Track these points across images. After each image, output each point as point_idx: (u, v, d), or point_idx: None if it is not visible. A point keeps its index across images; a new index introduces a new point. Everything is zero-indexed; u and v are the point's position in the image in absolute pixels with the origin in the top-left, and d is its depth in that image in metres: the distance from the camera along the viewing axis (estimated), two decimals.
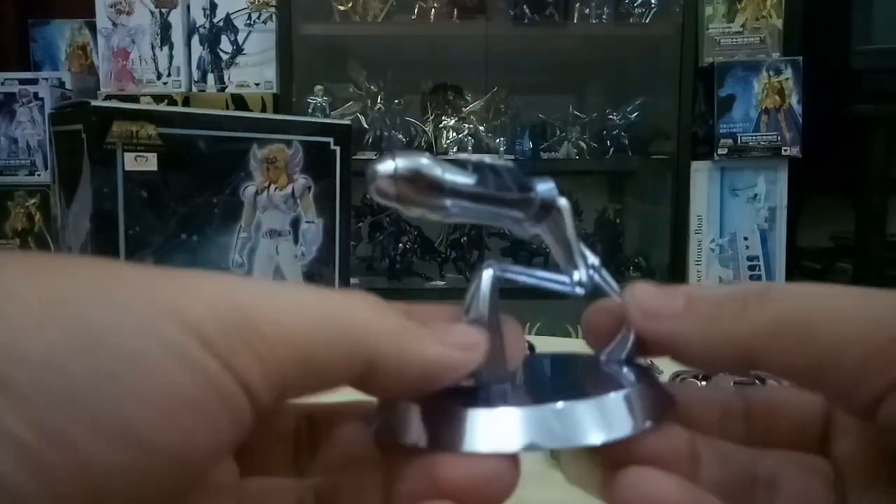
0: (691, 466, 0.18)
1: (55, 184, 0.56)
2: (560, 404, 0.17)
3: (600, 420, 0.17)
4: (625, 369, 0.20)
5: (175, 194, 0.53)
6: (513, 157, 1.57)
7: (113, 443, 0.12)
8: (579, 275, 0.21)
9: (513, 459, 0.16)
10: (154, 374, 0.13)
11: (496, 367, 0.18)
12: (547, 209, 0.20)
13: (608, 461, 0.17)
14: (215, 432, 0.13)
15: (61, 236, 0.56)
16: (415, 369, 0.16)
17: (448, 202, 0.18)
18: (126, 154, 0.50)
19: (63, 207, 0.54)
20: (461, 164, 0.18)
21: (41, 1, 1.81)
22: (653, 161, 1.61)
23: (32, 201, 1.60)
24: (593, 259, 0.21)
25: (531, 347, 0.54)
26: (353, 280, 0.71)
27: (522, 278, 0.20)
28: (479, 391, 0.18)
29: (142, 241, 0.51)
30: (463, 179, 0.18)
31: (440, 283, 1.54)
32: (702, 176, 1.52)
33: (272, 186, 0.58)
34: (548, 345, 0.55)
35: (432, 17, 1.56)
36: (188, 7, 1.59)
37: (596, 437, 0.17)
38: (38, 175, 1.58)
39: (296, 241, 0.61)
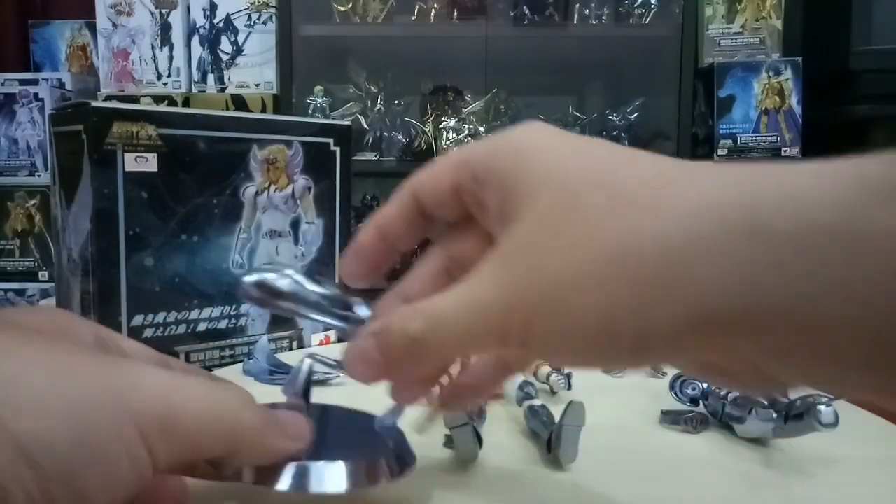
0: None
1: (55, 184, 0.55)
2: (321, 463, 0.26)
3: (348, 476, 0.26)
4: (388, 432, 0.29)
5: (175, 195, 0.53)
6: None
7: (74, 497, 0.19)
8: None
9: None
10: (111, 458, 0.20)
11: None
12: (359, 323, 0.29)
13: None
14: (127, 488, 0.20)
15: (61, 237, 0.56)
16: (262, 456, 0.24)
17: (292, 306, 0.27)
18: (126, 154, 0.50)
19: (63, 208, 0.54)
20: (314, 283, 0.28)
21: (42, 2, 1.81)
22: None
23: (32, 202, 1.60)
24: None
25: None
26: None
27: (331, 365, 0.30)
28: None
29: (142, 241, 0.51)
30: (304, 294, 0.27)
31: None
32: None
33: (272, 187, 0.58)
34: None
35: (432, 18, 1.56)
36: (188, 8, 1.59)
37: (339, 487, 0.26)
38: (38, 176, 1.58)
39: (296, 241, 0.61)
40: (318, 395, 0.31)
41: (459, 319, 0.21)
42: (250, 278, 0.27)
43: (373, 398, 0.28)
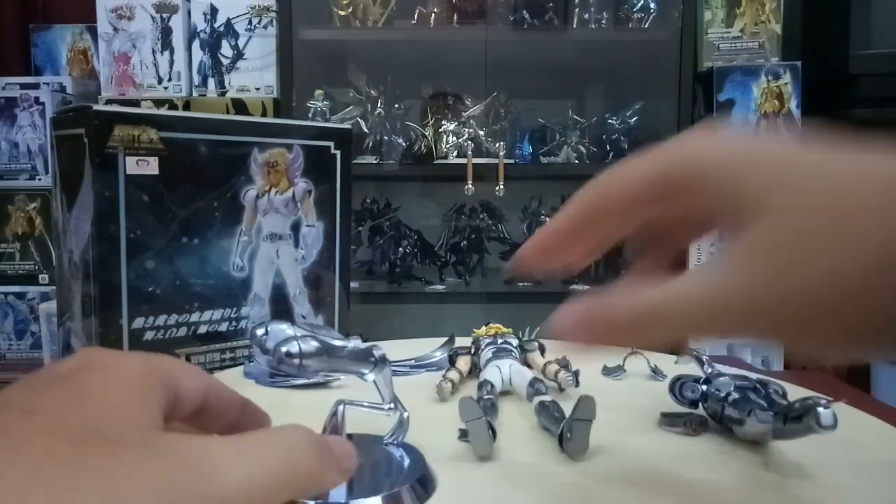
0: None
1: (56, 187, 0.56)
2: (360, 501, 0.30)
3: None
4: (401, 454, 0.34)
5: (176, 198, 0.53)
6: (513, 161, 1.57)
7: None
8: (392, 404, 0.35)
9: None
10: None
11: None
12: (381, 363, 0.33)
13: None
14: None
15: (62, 240, 0.56)
16: (317, 492, 0.25)
17: (325, 364, 0.31)
18: (127, 158, 0.50)
19: (64, 211, 0.54)
20: (330, 339, 0.31)
21: (43, 6, 1.82)
22: None
23: (33, 205, 1.60)
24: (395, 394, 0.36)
25: (541, 347, 0.54)
26: (353, 284, 0.71)
27: (363, 407, 0.34)
28: None
29: (143, 244, 0.51)
30: (332, 350, 0.31)
31: (440, 287, 1.54)
32: None
33: (273, 190, 0.58)
34: (553, 348, 0.56)
35: (432, 22, 1.56)
36: (189, 12, 1.60)
37: None
38: (39, 179, 1.59)
39: (296, 244, 0.61)
40: (314, 402, 0.31)
41: (705, 296, 0.23)
42: (283, 348, 0.30)
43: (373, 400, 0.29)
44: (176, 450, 0.18)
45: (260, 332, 0.31)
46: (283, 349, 0.29)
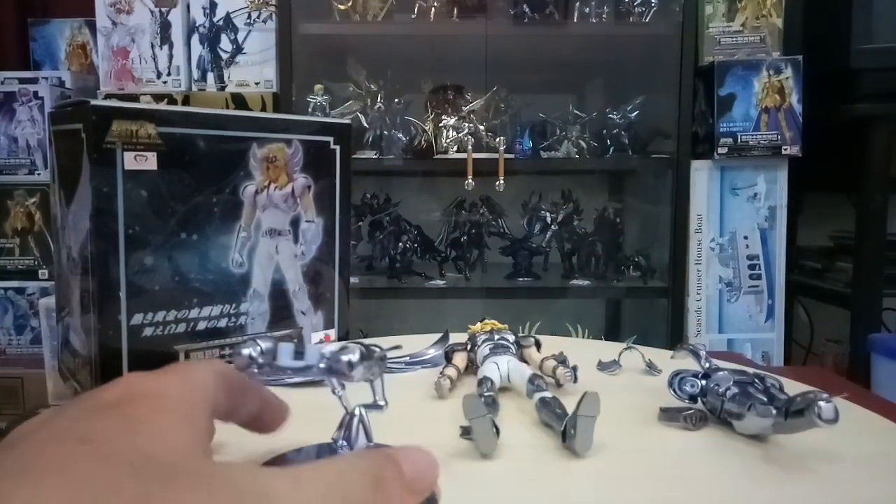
0: None
1: (55, 183, 0.56)
2: None
3: None
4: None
5: (175, 193, 0.53)
6: (513, 155, 1.56)
7: None
8: (384, 401, 0.33)
9: None
10: None
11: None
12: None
13: None
14: None
15: (61, 235, 0.56)
16: None
17: (289, 374, 0.31)
18: (126, 153, 0.50)
19: (63, 206, 0.54)
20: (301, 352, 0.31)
21: (41, 0, 1.81)
22: (653, 160, 1.60)
23: (32, 200, 1.60)
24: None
25: (537, 343, 0.54)
26: (353, 279, 0.71)
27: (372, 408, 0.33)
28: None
29: (141, 240, 0.51)
30: (295, 363, 0.31)
31: (440, 283, 1.54)
32: (702, 175, 1.51)
33: (272, 185, 0.58)
34: (549, 343, 0.55)
35: (432, 16, 1.55)
36: (188, 6, 1.59)
37: None
38: (38, 174, 1.58)
39: (296, 240, 0.61)
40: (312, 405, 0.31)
41: None
42: (345, 357, 0.30)
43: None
44: (233, 482, 0.18)
45: (249, 351, 0.31)
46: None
